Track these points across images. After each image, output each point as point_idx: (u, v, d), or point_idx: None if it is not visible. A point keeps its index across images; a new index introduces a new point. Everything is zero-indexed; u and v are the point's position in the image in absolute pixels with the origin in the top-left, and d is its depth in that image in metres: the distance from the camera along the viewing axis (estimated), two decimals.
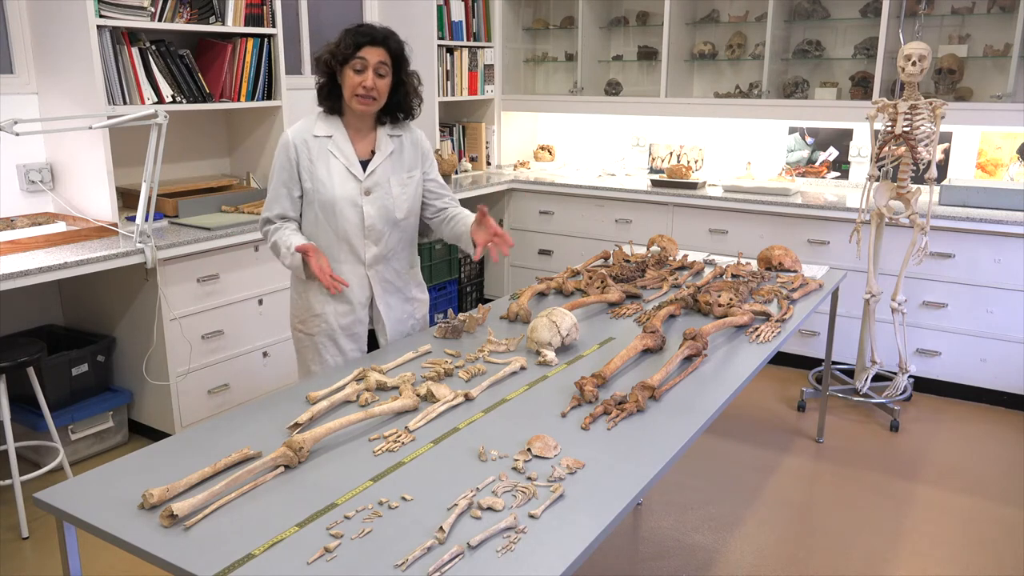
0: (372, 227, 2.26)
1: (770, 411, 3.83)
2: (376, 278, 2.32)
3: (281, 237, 2.23)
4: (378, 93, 2.17)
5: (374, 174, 2.25)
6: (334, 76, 2.20)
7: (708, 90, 4.86)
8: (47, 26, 3.20)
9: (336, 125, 2.25)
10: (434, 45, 4.64)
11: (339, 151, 2.24)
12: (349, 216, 2.24)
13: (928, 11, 4.08)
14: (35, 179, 3.35)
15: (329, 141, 2.24)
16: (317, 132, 2.24)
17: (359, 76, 2.14)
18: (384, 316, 2.35)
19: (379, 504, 1.39)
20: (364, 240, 2.27)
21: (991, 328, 3.74)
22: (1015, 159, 4.07)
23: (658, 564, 2.64)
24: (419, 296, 2.47)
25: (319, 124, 2.25)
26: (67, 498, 1.40)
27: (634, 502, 1.43)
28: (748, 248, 4.16)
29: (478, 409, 1.78)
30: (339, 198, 2.22)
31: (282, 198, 2.26)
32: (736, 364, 2.07)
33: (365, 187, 2.24)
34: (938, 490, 3.11)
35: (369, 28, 2.17)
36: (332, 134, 2.24)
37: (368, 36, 2.15)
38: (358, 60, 2.14)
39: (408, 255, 2.41)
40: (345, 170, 2.23)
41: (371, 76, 2.14)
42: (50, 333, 3.43)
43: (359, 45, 2.14)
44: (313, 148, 2.23)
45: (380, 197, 2.26)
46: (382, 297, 2.35)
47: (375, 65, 2.15)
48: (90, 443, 3.30)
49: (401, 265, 2.39)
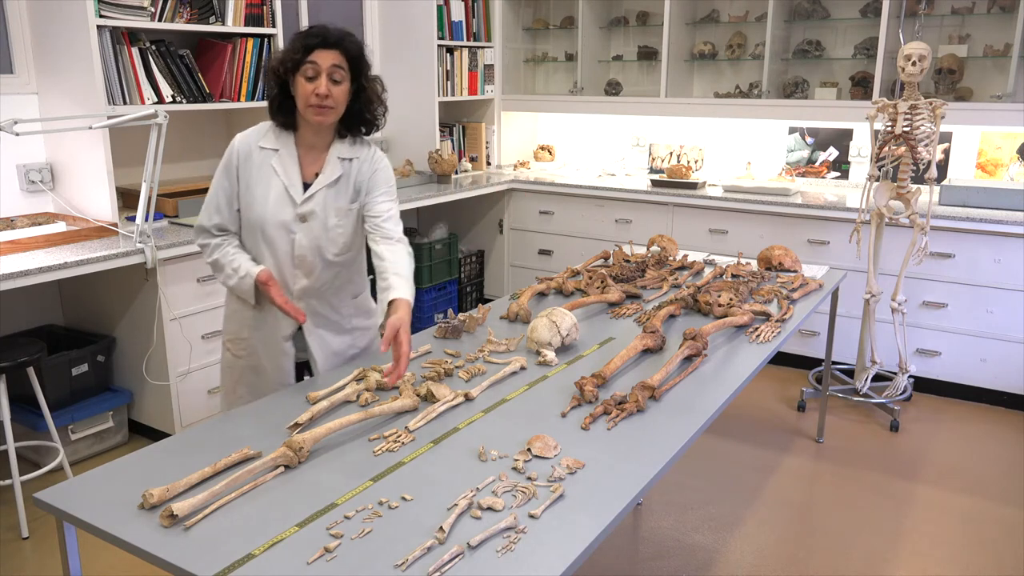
0: (303, 258, 2.03)
1: (770, 411, 3.83)
2: (307, 310, 2.08)
3: (226, 256, 2.03)
4: (334, 101, 1.92)
5: (311, 200, 2.00)
6: (286, 87, 1.96)
7: (708, 90, 4.86)
8: (47, 26, 3.20)
9: (286, 140, 2.02)
10: (434, 45, 4.64)
11: (282, 169, 2.00)
12: (278, 243, 2.02)
13: (928, 11, 4.08)
14: (35, 179, 3.35)
15: (274, 156, 2.01)
16: (264, 143, 2.02)
17: (312, 83, 1.89)
18: (315, 351, 2.12)
19: (379, 504, 1.39)
20: (294, 270, 2.05)
21: (991, 328, 3.74)
22: (1015, 159, 4.07)
23: (658, 564, 2.64)
24: (362, 324, 2.21)
25: (269, 135, 2.03)
26: (67, 498, 1.40)
27: (634, 502, 1.43)
28: (748, 248, 4.16)
29: (478, 409, 1.78)
30: (270, 221, 2.00)
31: (222, 208, 2.05)
32: (736, 364, 2.07)
33: (300, 213, 1.99)
34: (938, 490, 3.11)
35: (321, 29, 1.93)
36: (279, 148, 2.01)
37: (319, 38, 1.91)
38: (309, 65, 1.89)
39: (350, 286, 2.17)
40: (283, 191, 1.99)
41: (324, 82, 1.89)
42: (50, 333, 3.43)
43: (309, 48, 1.90)
44: (255, 160, 2.01)
45: (314, 227, 2.01)
46: (312, 331, 2.11)
47: (328, 70, 1.90)
48: (90, 443, 3.30)
49: (339, 299, 2.15)
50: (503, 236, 5.08)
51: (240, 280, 2.01)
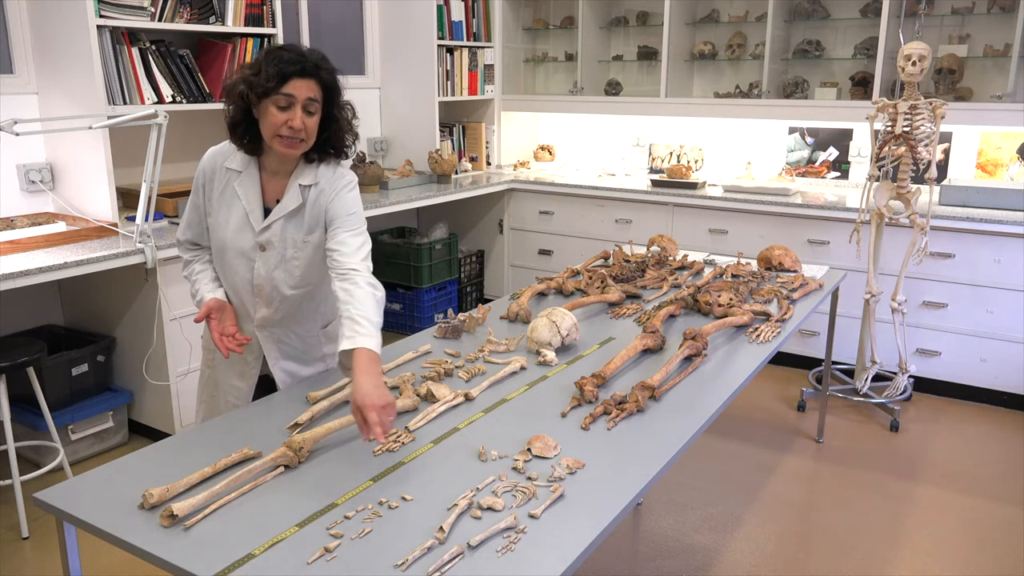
0: (260, 288, 1.94)
1: (770, 411, 3.83)
2: (270, 339, 2.00)
3: (192, 274, 2.01)
4: (306, 134, 1.80)
5: (269, 229, 1.89)
6: (249, 110, 1.81)
7: (708, 90, 4.86)
8: (47, 26, 3.20)
9: (250, 162, 1.91)
10: (434, 45, 4.64)
11: (243, 193, 1.89)
12: (239, 269, 1.93)
13: (928, 11, 4.08)
14: (35, 179, 3.35)
15: (237, 178, 1.90)
16: (230, 164, 1.92)
17: (284, 114, 1.76)
18: (280, 382, 2.02)
19: (379, 504, 1.39)
20: (254, 298, 1.96)
21: (991, 328, 3.74)
22: (1015, 159, 4.07)
23: (658, 564, 2.64)
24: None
25: (236, 155, 1.91)
26: (67, 498, 1.40)
27: (634, 502, 1.43)
28: (748, 248, 4.16)
29: (478, 409, 1.78)
30: (230, 247, 1.91)
31: (193, 224, 2.00)
32: (736, 364, 2.07)
33: (259, 241, 1.90)
34: (938, 490, 3.11)
35: (297, 56, 1.77)
36: (242, 170, 1.90)
37: (297, 66, 1.75)
38: (283, 96, 1.74)
39: (317, 316, 2.05)
40: (244, 217, 1.89)
41: (299, 115, 1.76)
42: (50, 333, 3.43)
43: (285, 77, 1.74)
44: (219, 181, 1.92)
45: (271, 257, 1.91)
46: (277, 362, 2.02)
47: (304, 102, 1.76)
48: (90, 443, 3.30)
49: (305, 328, 2.03)
50: (503, 236, 5.08)
51: (197, 304, 1.97)
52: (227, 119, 1.85)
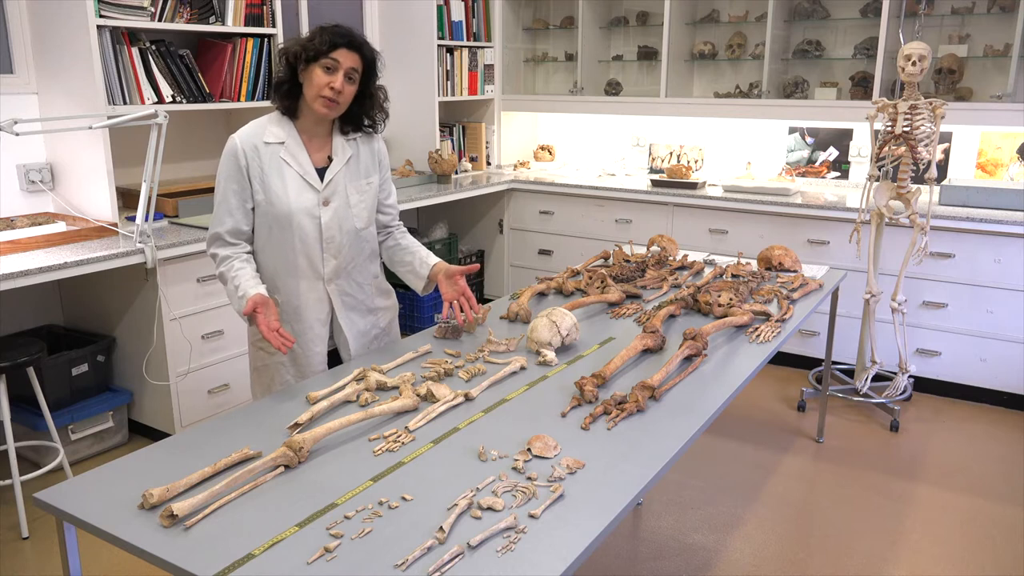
0: (331, 239, 2.13)
1: (770, 411, 3.83)
2: (336, 292, 2.20)
3: (230, 271, 2.05)
4: (343, 98, 2.03)
5: (332, 182, 2.12)
6: (295, 74, 2.03)
7: (708, 90, 4.86)
8: (47, 26, 3.20)
9: (289, 130, 2.09)
10: (434, 45, 4.64)
11: (293, 159, 2.07)
12: (307, 229, 2.10)
13: (928, 11, 4.08)
14: (35, 179, 3.35)
15: (281, 148, 2.07)
16: (268, 138, 2.07)
17: (328, 76, 1.98)
18: (346, 332, 2.23)
19: (379, 504, 1.39)
20: (323, 253, 2.14)
21: (991, 328, 3.74)
22: (1015, 159, 4.07)
23: (658, 564, 2.64)
24: (383, 304, 2.33)
25: (270, 129, 2.08)
26: (67, 498, 1.40)
27: (634, 502, 1.43)
28: (748, 248, 4.16)
29: (478, 409, 1.78)
30: (295, 210, 2.07)
31: (234, 210, 2.07)
32: (736, 364, 2.07)
33: (324, 197, 2.10)
34: (938, 490, 3.11)
35: (347, 30, 2.02)
36: (284, 140, 2.08)
37: (346, 38, 1.99)
38: (330, 60, 1.98)
39: (371, 265, 2.29)
40: (301, 179, 2.08)
41: (341, 79, 1.99)
42: (50, 333, 3.43)
43: (335, 45, 1.98)
44: (264, 156, 2.06)
45: (338, 207, 2.13)
46: (343, 313, 2.22)
47: (347, 69, 2.00)
48: (90, 443, 3.30)
49: (363, 277, 2.26)
50: (503, 236, 5.08)
51: (238, 300, 2.00)
52: (275, 78, 2.09)
